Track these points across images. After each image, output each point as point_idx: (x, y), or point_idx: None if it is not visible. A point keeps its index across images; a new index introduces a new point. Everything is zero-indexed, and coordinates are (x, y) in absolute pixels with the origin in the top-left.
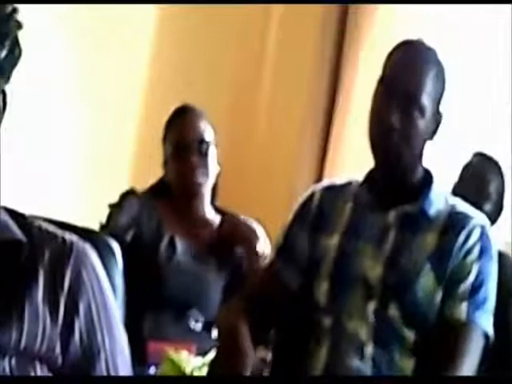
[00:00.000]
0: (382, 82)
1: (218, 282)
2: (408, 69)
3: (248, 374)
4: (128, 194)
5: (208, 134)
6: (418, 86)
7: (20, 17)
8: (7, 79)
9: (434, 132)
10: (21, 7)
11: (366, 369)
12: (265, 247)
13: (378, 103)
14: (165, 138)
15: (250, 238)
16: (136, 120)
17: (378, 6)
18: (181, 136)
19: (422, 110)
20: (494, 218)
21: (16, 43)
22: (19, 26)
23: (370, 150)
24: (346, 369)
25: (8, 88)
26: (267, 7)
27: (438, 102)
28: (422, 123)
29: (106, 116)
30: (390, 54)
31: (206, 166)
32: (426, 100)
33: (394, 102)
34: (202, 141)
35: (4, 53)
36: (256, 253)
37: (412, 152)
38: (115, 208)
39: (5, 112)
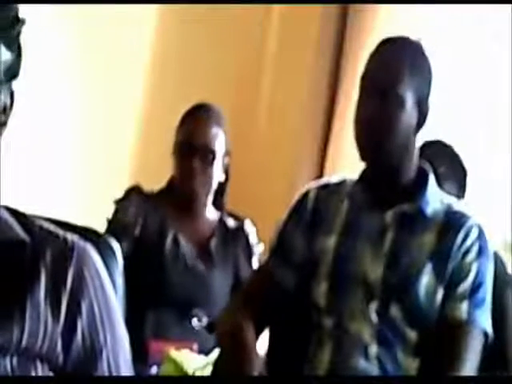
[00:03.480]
0: (360, 79)
1: (222, 281)
2: (381, 62)
3: (256, 373)
4: (133, 190)
5: (218, 141)
6: (391, 76)
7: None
8: (15, 78)
9: (420, 124)
10: (23, 7)
11: (372, 369)
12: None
13: (357, 101)
14: (177, 131)
15: None
16: (137, 119)
17: (377, 6)
18: (188, 138)
19: (399, 101)
20: (460, 194)
21: (19, 45)
22: (23, 23)
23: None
24: (351, 369)
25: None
26: (268, 7)
27: (420, 92)
28: (402, 114)
29: (108, 115)
30: (370, 54)
31: (206, 174)
32: (404, 90)
33: (370, 96)
34: (208, 148)
35: (13, 56)
36: None
37: (395, 145)
38: (121, 203)
39: (12, 110)
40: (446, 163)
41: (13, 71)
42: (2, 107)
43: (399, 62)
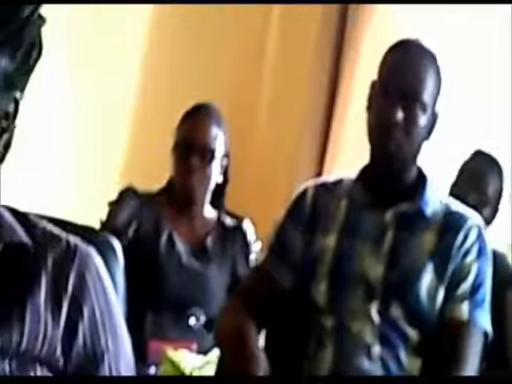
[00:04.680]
0: (381, 82)
1: (219, 279)
2: (408, 67)
3: (260, 374)
4: (127, 191)
5: (217, 141)
6: (419, 83)
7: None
8: (23, 88)
9: (431, 130)
10: None
11: (376, 369)
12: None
13: (379, 103)
14: (177, 130)
15: None
16: (134, 119)
17: (377, 6)
18: (188, 137)
19: (423, 107)
20: (490, 221)
21: (33, 46)
22: (41, 24)
23: (370, 149)
24: (355, 369)
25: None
26: (267, 7)
27: (435, 99)
28: (424, 120)
29: (105, 115)
30: (387, 54)
31: (204, 172)
32: (427, 97)
33: (397, 101)
34: (207, 147)
35: (15, 64)
36: None
37: (412, 149)
38: (115, 205)
39: (15, 118)
40: (494, 183)
41: (12, 82)
42: (3, 114)
43: (423, 70)
